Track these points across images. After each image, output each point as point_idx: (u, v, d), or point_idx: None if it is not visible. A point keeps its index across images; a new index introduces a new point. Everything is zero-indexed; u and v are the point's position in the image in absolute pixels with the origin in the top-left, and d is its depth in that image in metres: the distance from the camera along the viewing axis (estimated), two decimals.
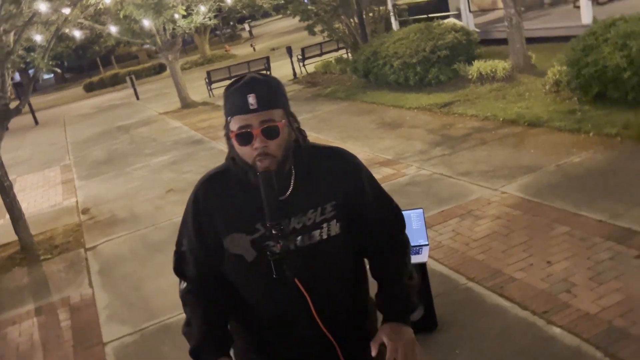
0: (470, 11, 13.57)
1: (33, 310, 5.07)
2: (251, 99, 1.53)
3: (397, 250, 1.77)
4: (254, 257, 1.60)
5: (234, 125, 1.56)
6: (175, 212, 6.58)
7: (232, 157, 1.63)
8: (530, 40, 10.78)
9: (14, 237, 6.69)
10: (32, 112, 20.09)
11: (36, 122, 19.82)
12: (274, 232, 1.57)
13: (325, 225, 1.63)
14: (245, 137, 1.54)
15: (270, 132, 1.55)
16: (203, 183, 1.68)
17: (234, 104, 1.57)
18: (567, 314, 3.33)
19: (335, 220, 1.64)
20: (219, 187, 1.65)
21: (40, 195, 9.24)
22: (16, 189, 9.67)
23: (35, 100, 26.02)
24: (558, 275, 3.74)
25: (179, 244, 1.74)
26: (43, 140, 15.68)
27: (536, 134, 6.57)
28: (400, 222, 1.80)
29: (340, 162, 1.70)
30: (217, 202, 1.63)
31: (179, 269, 1.75)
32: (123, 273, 5.41)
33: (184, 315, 1.75)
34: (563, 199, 4.77)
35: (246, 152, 1.56)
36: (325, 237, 1.63)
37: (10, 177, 6.36)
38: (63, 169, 10.99)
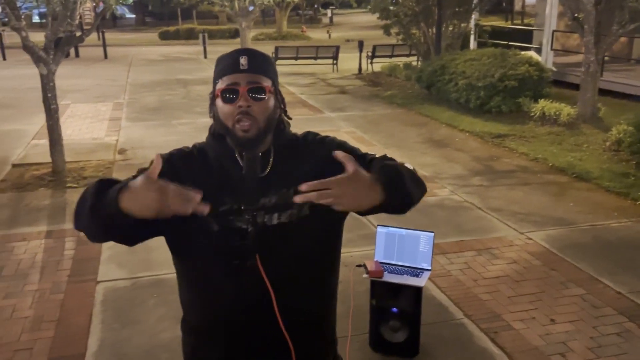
0: (552, 48, 13.15)
1: (44, 233, 5.21)
2: (242, 60, 1.53)
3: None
4: (216, 229, 1.53)
5: (221, 84, 1.54)
6: None
7: (212, 132, 1.59)
8: (604, 92, 10.38)
9: (49, 159, 6.89)
10: (104, 46, 20.67)
11: (105, 57, 20.39)
12: (247, 217, 1.51)
13: (295, 206, 1.53)
14: (230, 93, 1.52)
15: (256, 93, 1.52)
16: (178, 149, 1.65)
17: (225, 65, 1.56)
18: None
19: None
20: (197, 156, 1.61)
21: (86, 126, 9.48)
22: (66, 114, 10.05)
23: (111, 36, 26.78)
24: (557, 336, 3.57)
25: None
26: (106, 74, 16.10)
27: (581, 188, 6.30)
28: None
29: (314, 142, 1.66)
30: (192, 167, 1.58)
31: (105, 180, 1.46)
32: None
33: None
34: (587, 260, 4.55)
35: (228, 112, 1.52)
36: (294, 218, 1.56)
37: (64, 103, 6.57)
38: (115, 107, 11.25)
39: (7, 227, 5.34)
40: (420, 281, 3.27)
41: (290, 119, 1.66)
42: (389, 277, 3.29)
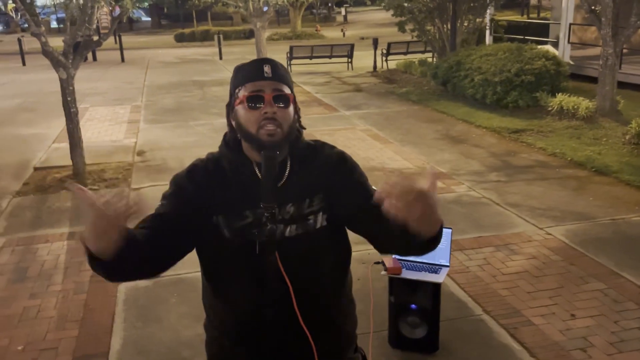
0: (569, 42, 13.01)
1: (67, 234, 5.30)
2: (266, 68, 1.56)
3: None
4: (239, 243, 1.58)
5: (245, 91, 1.56)
6: None
7: (226, 142, 1.63)
8: (624, 85, 10.26)
9: (70, 162, 7.00)
10: (121, 49, 20.90)
11: (122, 60, 20.61)
12: (266, 214, 1.54)
13: (312, 217, 1.60)
14: (255, 100, 1.54)
15: (281, 100, 1.55)
16: (193, 164, 1.66)
17: (247, 73, 1.58)
18: None
19: (321, 213, 1.62)
20: (213, 169, 1.63)
21: (105, 129, 9.61)
22: (85, 117, 10.19)
23: (128, 39, 27.05)
24: (578, 331, 3.55)
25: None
26: (123, 77, 16.29)
27: (600, 182, 6.24)
28: None
29: (331, 155, 1.68)
30: (211, 182, 1.61)
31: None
32: None
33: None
34: (607, 255, 4.51)
35: (252, 118, 1.54)
36: (311, 229, 1.60)
37: (83, 106, 6.68)
38: (133, 109, 11.38)
39: (30, 229, 5.45)
40: (439, 277, 3.27)
41: (304, 128, 1.69)
42: (407, 274, 3.30)
